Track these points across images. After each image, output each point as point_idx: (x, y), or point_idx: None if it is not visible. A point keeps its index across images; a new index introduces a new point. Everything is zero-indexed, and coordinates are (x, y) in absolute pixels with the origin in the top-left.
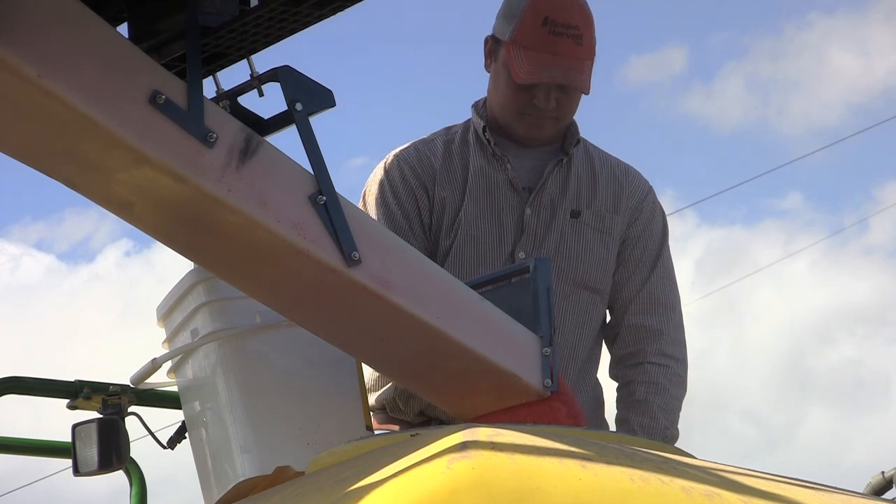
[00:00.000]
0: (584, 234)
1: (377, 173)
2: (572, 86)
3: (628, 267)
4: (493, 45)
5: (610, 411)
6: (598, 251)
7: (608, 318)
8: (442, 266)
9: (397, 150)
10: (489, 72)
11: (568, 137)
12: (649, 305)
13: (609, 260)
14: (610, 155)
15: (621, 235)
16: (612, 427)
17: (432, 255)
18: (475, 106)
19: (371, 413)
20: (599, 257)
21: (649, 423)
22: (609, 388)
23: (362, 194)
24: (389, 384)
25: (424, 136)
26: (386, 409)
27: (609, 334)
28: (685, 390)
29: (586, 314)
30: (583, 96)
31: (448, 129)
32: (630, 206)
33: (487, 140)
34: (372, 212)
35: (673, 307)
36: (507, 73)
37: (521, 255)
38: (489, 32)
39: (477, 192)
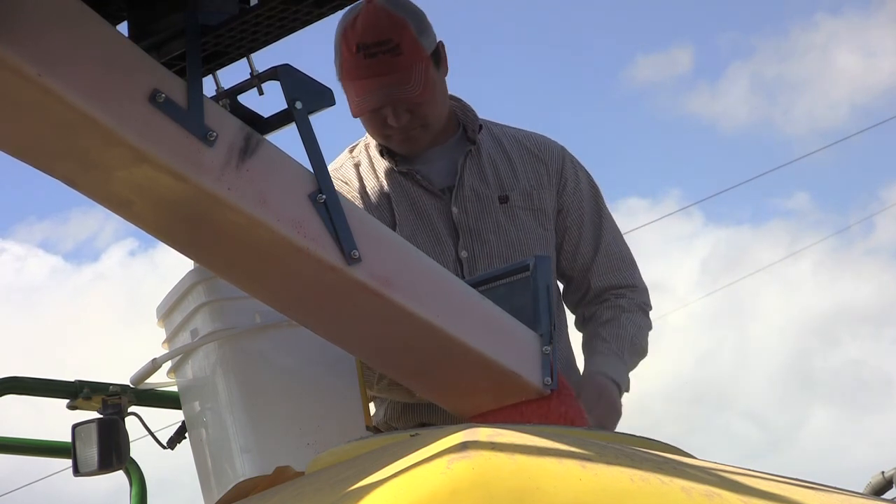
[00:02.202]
0: (518, 216)
1: None
2: (401, 101)
3: (573, 233)
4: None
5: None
6: (534, 230)
7: (568, 286)
8: None
9: None
10: None
11: (468, 125)
12: (611, 263)
13: (548, 236)
14: (514, 128)
15: (554, 207)
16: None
17: None
18: None
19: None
20: (538, 235)
21: (617, 332)
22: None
23: None
24: (380, 406)
25: (332, 165)
26: (380, 430)
27: (573, 299)
28: (650, 324)
29: None
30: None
31: (351, 150)
32: (553, 176)
33: (389, 163)
34: None
35: (631, 260)
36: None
37: (464, 253)
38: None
39: (402, 206)
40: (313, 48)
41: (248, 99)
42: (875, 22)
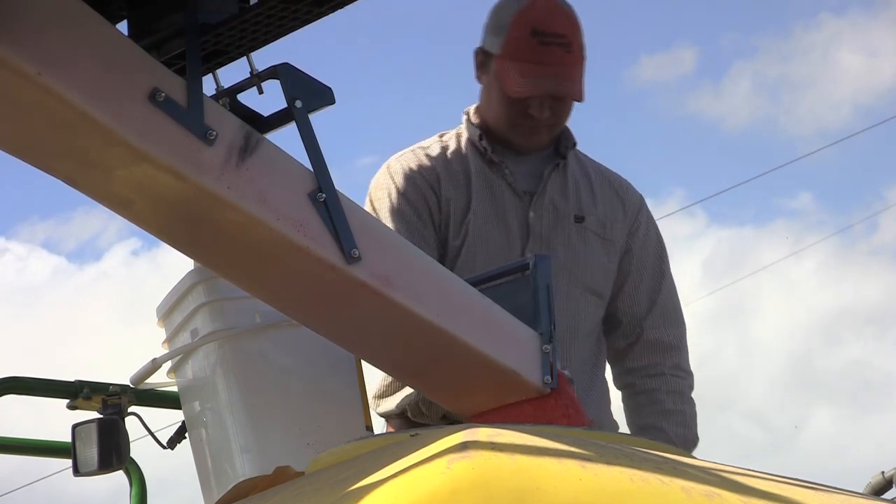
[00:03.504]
0: (589, 239)
1: (380, 180)
2: (565, 95)
3: (634, 277)
4: (483, 58)
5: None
6: (600, 257)
7: (614, 331)
8: (453, 265)
9: (396, 156)
10: (481, 84)
11: (562, 141)
12: (665, 320)
13: (611, 267)
14: (600, 164)
15: (622, 245)
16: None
17: (442, 254)
18: (467, 114)
19: (389, 419)
20: (602, 263)
21: (684, 433)
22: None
23: (368, 202)
24: (410, 389)
25: (420, 143)
26: (407, 414)
27: (620, 345)
28: None
29: (594, 317)
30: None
31: (441, 136)
32: (629, 216)
33: (484, 148)
34: (383, 215)
35: (683, 321)
36: (500, 86)
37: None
38: None
39: (482, 195)
40: (313, 47)
41: (248, 98)
42: (878, 22)
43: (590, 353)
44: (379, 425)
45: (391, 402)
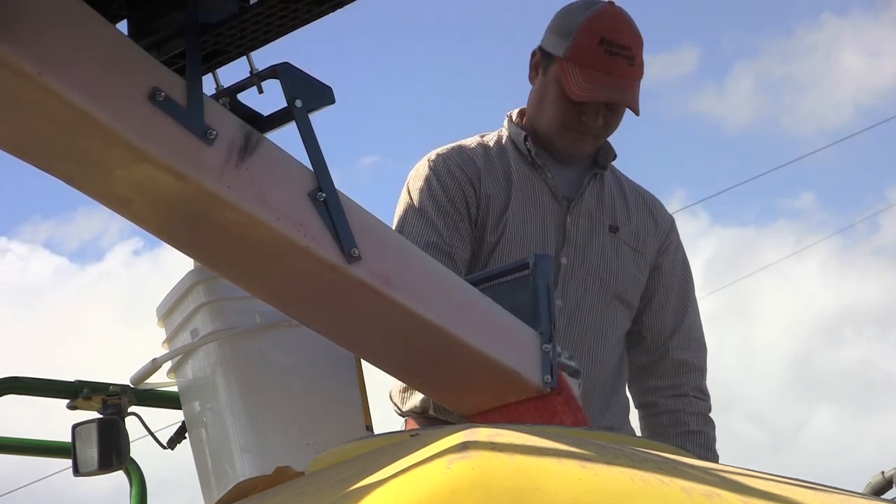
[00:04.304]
0: (622, 249)
1: (420, 170)
2: (626, 105)
3: (661, 293)
4: (541, 59)
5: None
6: (632, 268)
7: (638, 345)
8: (487, 261)
9: (438, 150)
10: (533, 84)
11: (602, 153)
12: (690, 341)
13: (641, 279)
14: (634, 181)
15: (652, 261)
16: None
17: (476, 247)
18: (510, 117)
19: (407, 417)
20: (633, 274)
21: (706, 455)
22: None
23: (404, 191)
24: None
25: (460, 141)
26: (428, 412)
27: (642, 361)
28: None
29: (622, 326)
30: None
31: (482, 136)
32: (661, 233)
33: (528, 150)
34: (418, 203)
35: (706, 345)
36: (559, 89)
37: (564, 260)
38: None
39: (521, 194)
40: (313, 47)
41: (248, 97)
42: (879, 23)
43: (615, 362)
44: (396, 423)
45: (416, 399)
